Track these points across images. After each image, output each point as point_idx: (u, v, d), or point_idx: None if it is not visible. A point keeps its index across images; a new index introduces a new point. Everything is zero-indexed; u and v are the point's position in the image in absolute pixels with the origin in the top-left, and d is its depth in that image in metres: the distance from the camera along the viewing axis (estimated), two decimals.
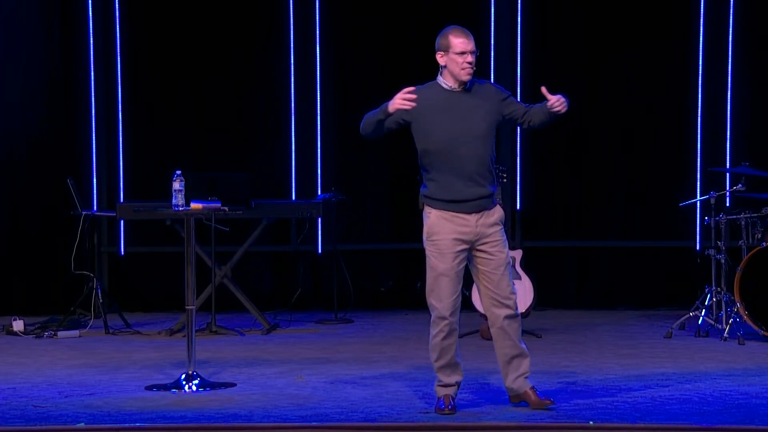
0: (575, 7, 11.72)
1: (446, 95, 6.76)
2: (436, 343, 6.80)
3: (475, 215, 6.76)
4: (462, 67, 6.72)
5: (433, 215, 6.80)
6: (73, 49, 11.80)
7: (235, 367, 8.45)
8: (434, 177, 6.78)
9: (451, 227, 6.76)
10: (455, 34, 6.78)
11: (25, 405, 7.16)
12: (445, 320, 6.76)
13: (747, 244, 9.78)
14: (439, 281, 6.79)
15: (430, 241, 6.84)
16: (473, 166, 6.71)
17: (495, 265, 6.81)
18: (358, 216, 11.97)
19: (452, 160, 6.70)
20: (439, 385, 6.86)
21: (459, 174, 6.71)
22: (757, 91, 11.60)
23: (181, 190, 7.79)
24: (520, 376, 6.91)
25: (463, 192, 6.72)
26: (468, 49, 6.73)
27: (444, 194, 6.75)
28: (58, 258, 11.23)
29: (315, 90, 11.90)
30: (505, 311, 6.86)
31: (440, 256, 6.78)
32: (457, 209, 6.74)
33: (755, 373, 8.00)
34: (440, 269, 6.78)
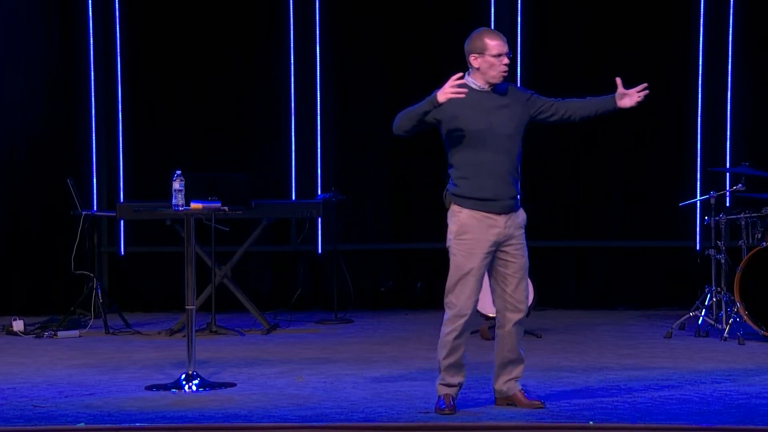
0: (575, 7, 11.72)
1: (476, 95, 6.74)
2: (448, 341, 6.76)
3: (504, 216, 6.76)
4: (499, 70, 6.73)
5: (464, 214, 6.74)
6: (73, 49, 11.80)
7: (235, 367, 8.45)
8: (466, 175, 6.74)
9: (481, 227, 6.72)
10: (490, 37, 6.79)
11: (25, 405, 7.16)
12: (462, 319, 6.73)
13: (747, 244, 9.78)
14: (463, 280, 6.72)
15: (459, 240, 6.75)
16: (503, 166, 6.73)
17: (515, 269, 6.84)
18: (358, 216, 11.97)
19: (483, 159, 6.70)
20: (441, 383, 6.85)
21: (490, 173, 6.71)
22: (757, 91, 11.61)
23: (181, 190, 7.79)
24: (512, 380, 6.93)
25: (494, 191, 6.71)
26: (504, 51, 6.75)
27: (476, 193, 6.71)
28: (58, 258, 11.23)
29: (315, 90, 11.90)
30: (517, 316, 6.89)
31: (468, 255, 6.72)
32: (487, 209, 6.72)
33: (755, 373, 8.00)
34: (467, 268, 6.71)
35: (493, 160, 6.70)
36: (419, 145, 11.97)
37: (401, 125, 6.74)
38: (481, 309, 9.85)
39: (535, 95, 6.88)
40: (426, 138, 11.96)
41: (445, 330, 6.78)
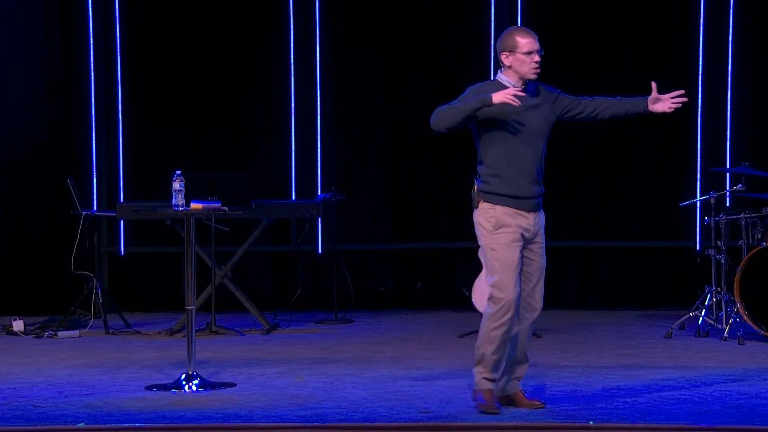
0: (575, 7, 11.72)
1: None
2: (497, 335, 6.70)
3: (532, 214, 6.78)
4: (531, 67, 6.74)
5: (498, 211, 6.73)
6: (73, 49, 11.80)
7: (235, 367, 8.45)
8: (498, 173, 6.73)
9: (515, 222, 6.73)
10: (521, 34, 6.79)
11: (25, 405, 7.16)
12: (510, 312, 6.69)
13: (747, 244, 9.78)
14: (506, 273, 6.68)
15: (497, 234, 6.71)
16: (535, 164, 6.76)
17: (535, 268, 6.83)
18: (358, 216, 11.97)
19: (517, 158, 6.71)
20: (484, 378, 6.77)
21: (522, 171, 6.72)
22: (757, 91, 11.61)
23: (181, 190, 7.79)
24: (515, 379, 6.93)
25: (526, 189, 6.73)
26: (535, 49, 6.76)
27: (510, 190, 6.72)
28: (58, 258, 11.23)
29: (315, 90, 11.90)
30: (533, 315, 6.88)
31: (509, 248, 6.69)
32: (519, 206, 6.72)
33: (755, 373, 8.00)
34: (509, 260, 6.68)
35: (524, 158, 6.73)
36: (419, 145, 11.99)
37: (445, 120, 6.72)
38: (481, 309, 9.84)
39: (561, 94, 6.91)
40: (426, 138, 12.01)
41: (492, 324, 6.70)
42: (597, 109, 6.94)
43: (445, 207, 11.95)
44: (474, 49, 11.93)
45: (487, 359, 6.76)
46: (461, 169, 11.94)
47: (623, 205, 11.86)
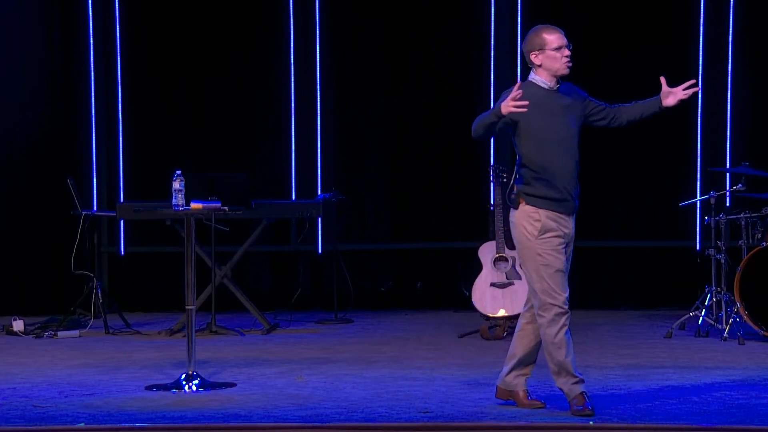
0: (575, 7, 11.72)
1: (545, 94, 6.71)
2: (561, 339, 6.67)
3: (570, 217, 6.75)
4: (562, 62, 6.70)
5: (542, 214, 6.67)
6: (73, 49, 11.80)
7: (235, 367, 8.45)
8: (540, 175, 6.67)
9: (558, 225, 6.69)
10: (548, 31, 6.76)
11: (25, 405, 7.16)
12: (565, 315, 6.66)
13: (747, 244, 9.78)
14: (556, 277, 6.65)
15: (542, 239, 6.66)
16: (571, 166, 6.71)
17: (567, 268, 6.78)
18: (358, 216, 11.97)
19: (555, 160, 6.66)
20: (573, 383, 6.71)
21: (561, 174, 6.67)
22: (757, 91, 11.60)
23: (181, 190, 7.79)
24: (521, 376, 6.91)
25: (567, 191, 6.69)
26: (564, 43, 6.73)
27: (553, 193, 6.66)
28: (58, 258, 11.23)
29: (315, 90, 11.90)
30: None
31: (555, 253, 6.66)
32: (560, 209, 6.68)
33: (755, 373, 8.00)
34: (557, 265, 6.65)
35: (562, 160, 6.68)
36: (419, 145, 11.99)
37: (476, 131, 6.65)
38: (481, 309, 9.87)
39: (589, 98, 6.87)
40: (426, 138, 12.03)
41: (553, 330, 6.65)
42: (616, 116, 6.90)
43: (445, 207, 11.94)
44: (474, 49, 11.93)
45: (566, 365, 6.69)
46: (461, 169, 11.97)
47: (623, 205, 11.85)
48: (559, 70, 6.72)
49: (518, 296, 9.79)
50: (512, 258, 9.83)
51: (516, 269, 9.84)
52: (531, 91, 6.67)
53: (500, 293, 9.81)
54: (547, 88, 6.74)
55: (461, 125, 11.89)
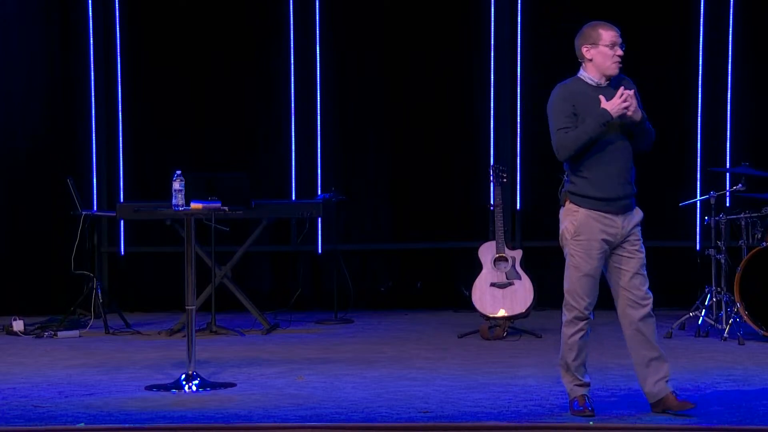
0: (575, 7, 11.71)
1: (593, 91, 6.62)
2: (574, 341, 6.66)
3: (621, 216, 6.64)
4: (613, 60, 6.62)
5: (582, 214, 6.62)
6: (73, 49, 11.80)
7: (235, 367, 8.45)
8: (586, 175, 6.60)
9: (599, 227, 6.60)
10: (604, 27, 6.71)
11: (25, 405, 7.16)
12: (584, 321, 6.65)
13: (747, 244, 9.78)
14: (582, 281, 6.63)
15: (575, 241, 6.63)
16: (624, 164, 6.63)
17: (634, 265, 6.66)
18: (358, 216, 11.97)
19: (605, 158, 6.58)
20: (575, 384, 6.70)
21: (610, 172, 6.59)
22: (757, 91, 11.60)
23: (181, 190, 7.79)
24: (660, 380, 6.69)
25: (614, 190, 6.60)
26: (618, 42, 6.66)
27: (596, 192, 6.59)
28: (58, 258, 11.22)
29: (315, 90, 11.90)
30: (642, 311, 6.68)
31: (587, 257, 6.61)
32: (606, 208, 6.60)
33: (755, 373, 8.00)
34: (585, 269, 6.61)
35: (611, 158, 6.59)
36: (419, 145, 11.99)
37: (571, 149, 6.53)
38: (481, 309, 9.87)
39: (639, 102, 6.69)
40: (425, 138, 12.03)
41: (569, 331, 6.66)
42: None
43: (445, 207, 11.94)
44: (474, 49, 11.93)
45: (572, 367, 6.68)
46: (461, 169, 11.97)
47: None
48: (608, 69, 6.63)
49: (518, 296, 9.80)
50: (512, 258, 9.83)
51: (516, 269, 9.85)
52: (580, 87, 6.61)
53: (500, 293, 9.81)
54: (594, 84, 6.65)
55: (461, 125, 11.98)
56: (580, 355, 6.70)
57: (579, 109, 6.57)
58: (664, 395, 6.67)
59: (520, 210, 11.78)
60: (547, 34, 11.84)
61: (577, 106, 6.58)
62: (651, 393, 6.72)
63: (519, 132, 11.80)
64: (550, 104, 6.67)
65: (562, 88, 6.69)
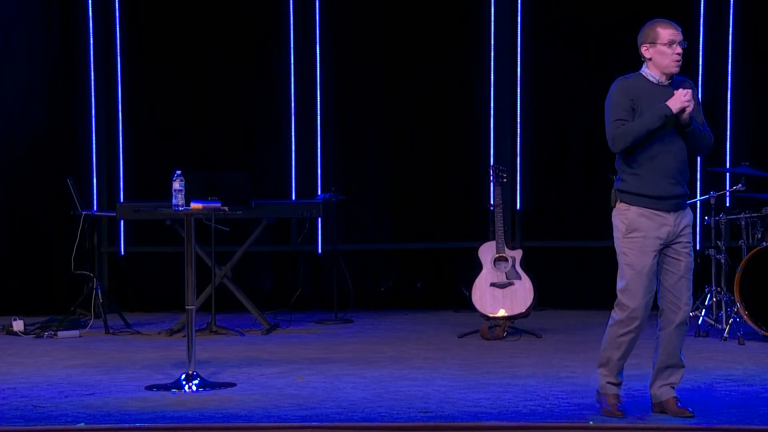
0: (575, 7, 11.72)
1: (654, 88, 6.59)
2: (623, 342, 6.60)
3: (673, 214, 6.57)
4: (672, 59, 6.59)
5: (633, 212, 6.57)
6: (73, 49, 11.79)
7: (235, 367, 8.45)
8: (637, 172, 6.57)
9: (651, 225, 6.55)
10: (663, 25, 6.69)
11: (25, 405, 7.16)
12: (637, 321, 6.57)
13: (747, 244, 9.78)
14: (637, 279, 6.54)
15: (628, 238, 6.57)
16: (676, 164, 6.55)
17: (682, 267, 6.60)
18: (358, 216, 11.97)
19: (657, 156, 6.52)
20: (610, 382, 6.67)
21: (662, 171, 6.52)
22: (757, 91, 11.60)
23: (181, 190, 7.79)
24: (666, 385, 6.68)
25: (665, 189, 6.53)
26: (677, 40, 6.63)
27: (647, 190, 6.54)
28: (58, 258, 11.22)
29: (315, 90, 11.90)
30: (680, 317, 6.63)
31: (641, 254, 6.54)
32: (657, 206, 6.54)
33: (755, 373, 8.00)
34: (639, 267, 6.54)
35: (665, 157, 6.53)
36: (419, 145, 11.99)
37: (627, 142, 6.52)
38: (481, 309, 9.86)
39: (700, 106, 6.69)
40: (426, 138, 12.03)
41: (619, 331, 6.60)
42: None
43: (445, 207, 11.94)
44: (474, 49, 11.93)
45: (613, 364, 6.65)
46: (461, 169, 11.97)
47: None
48: (668, 67, 6.61)
49: (518, 296, 9.80)
50: (512, 258, 9.83)
51: (516, 269, 9.85)
52: (641, 83, 6.59)
53: (500, 293, 9.81)
54: (655, 82, 6.62)
55: (461, 125, 11.98)
56: (625, 356, 6.67)
57: (638, 104, 6.56)
58: (666, 398, 6.68)
59: (520, 210, 11.78)
60: (547, 35, 11.85)
61: (636, 101, 6.57)
62: (655, 395, 6.73)
63: (519, 132, 11.81)
64: (609, 96, 6.66)
65: (623, 81, 6.67)
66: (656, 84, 6.63)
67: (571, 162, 11.85)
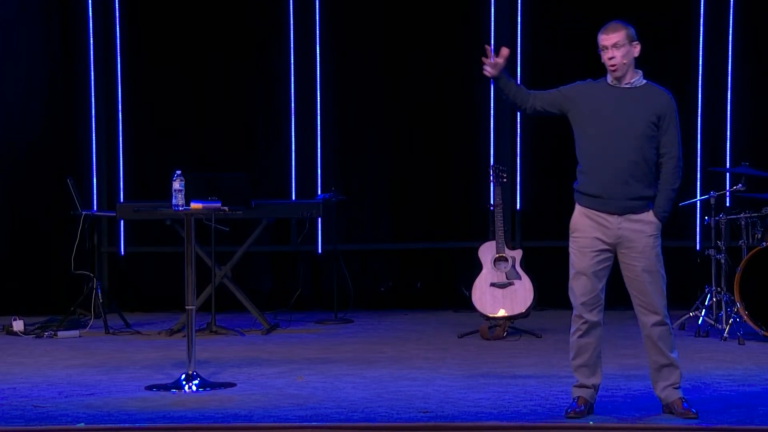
0: (575, 7, 11.72)
1: (607, 89, 6.61)
2: (573, 341, 6.71)
3: (617, 217, 6.54)
4: (607, 63, 6.61)
5: (577, 211, 6.64)
6: (73, 49, 11.80)
7: (235, 367, 8.45)
8: (584, 170, 6.61)
9: (592, 225, 6.58)
10: (601, 30, 6.70)
11: (25, 405, 7.16)
12: (581, 319, 6.66)
13: (747, 244, 9.78)
14: (575, 279, 6.65)
15: (572, 238, 6.67)
16: (623, 164, 6.48)
17: (636, 272, 6.59)
18: (358, 216, 11.97)
19: (602, 155, 6.52)
20: (574, 385, 6.75)
21: (607, 171, 6.51)
22: (757, 91, 11.60)
23: (181, 190, 7.79)
24: (669, 386, 6.67)
25: (609, 190, 6.51)
26: (605, 44, 6.62)
27: (589, 189, 6.57)
28: (58, 258, 11.22)
29: (315, 90, 11.90)
30: (652, 318, 6.68)
31: (579, 254, 6.62)
32: (599, 207, 6.55)
33: (755, 373, 8.00)
34: (578, 267, 6.63)
35: (611, 158, 6.50)
36: (419, 145, 11.99)
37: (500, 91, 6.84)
38: (481, 309, 9.87)
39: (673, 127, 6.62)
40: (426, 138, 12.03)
41: (571, 330, 6.73)
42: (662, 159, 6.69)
43: (445, 207, 11.94)
44: (474, 49, 11.91)
45: (573, 366, 6.74)
46: (461, 169, 11.97)
47: None
48: (608, 72, 6.62)
49: (518, 296, 9.80)
50: (512, 258, 9.83)
51: (516, 269, 9.85)
52: (599, 86, 6.62)
53: (500, 293, 9.81)
54: (610, 84, 6.63)
55: (461, 125, 11.98)
56: (581, 355, 6.71)
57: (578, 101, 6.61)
58: (672, 400, 6.66)
59: (520, 210, 11.78)
60: (547, 34, 11.84)
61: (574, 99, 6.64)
62: (661, 397, 6.73)
63: (519, 132, 11.81)
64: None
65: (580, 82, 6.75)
66: (611, 86, 6.66)
67: (571, 162, 11.81)
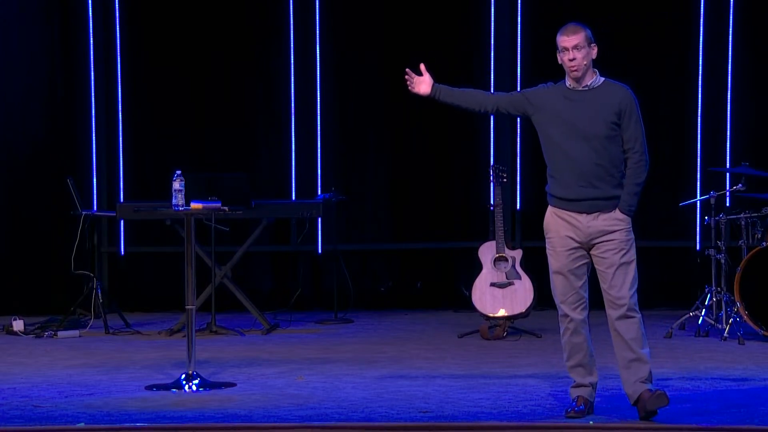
0: (575, 7, 11.72)
1: (566, 92, 6.62)
2: (565, 341, 6.73)
3: (586, 216, 6.60)
4: (567, 65, 6.62)
5: (548, 212, 6.68)
6: (73, 49, 11.80)
7: (235, 367, 8.45)
8: (553, 174, 6.64)
9: (563, 225, 6.62)
10: (560, 31, 6.71)
11: (25, 405, 7.16)
12: (567, 317, 6.70)
13: (747, 244, 9.78)
14: (554, 279, 6.70)
15: (546, 239, 6.70)
16: (587, 166, 6.52)
17: (607, 266, 6.71)
18: (358, 216, 11.97)
19: (566, 158, 6.55)
20: (572, 386, 6.77)
21: (572, 173, 6.54)
22: (757, 91, 11.60)
23: (181, 190, 7.79)
24: (637, 381, 6.64)
25: (576, 191, 6.55)
26: (566, 46, 6.62)
27: (559, 191, 6.61)
28: (58, 258, 11.22)
29: (315, 90, 11.90)
30: (617, 312, 6.75)
31: (554, 254, 6.66)
32: (569, 208, 6.59)
33: (755, 373, 8.00)
34: (554, 267, 6.67)
35: (574, 160, 6.54)
36: (419, 145, 11.99)
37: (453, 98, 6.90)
38: (481, 309, 9.87)
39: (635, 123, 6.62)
40: (426, 138, 12.03)
41: (561, 330, 6.76)
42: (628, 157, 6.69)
43: (445, 207, 11.94)
44: (474, 49, 11.93)
45: (568, 367, 6.76)
46: (461, 169, 11.97)
47: None
48: (568, 74, 6.64)
49: (518, 296, 9.80)
50: (512, 258, 9.83)
51: (516, 269, 9.84)
52: (560, 88, 6.64)
53: (500, 293, 9.81)
54: (569, 86, 6.65)
55: (461, 125, 11.98)
56: (574, 356, 6.72)
57: (539, 105, 6.64)
58: (639, 393, 6.61)
59: (520, 210, 11.78)
60: (547, 34, 11.80)
61: (540, 102, 6.65)
62: (629, 394, 6.68)
63: (519, 132, 11.80)
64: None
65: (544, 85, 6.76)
66: (569, 88, 6.66)
67: None
